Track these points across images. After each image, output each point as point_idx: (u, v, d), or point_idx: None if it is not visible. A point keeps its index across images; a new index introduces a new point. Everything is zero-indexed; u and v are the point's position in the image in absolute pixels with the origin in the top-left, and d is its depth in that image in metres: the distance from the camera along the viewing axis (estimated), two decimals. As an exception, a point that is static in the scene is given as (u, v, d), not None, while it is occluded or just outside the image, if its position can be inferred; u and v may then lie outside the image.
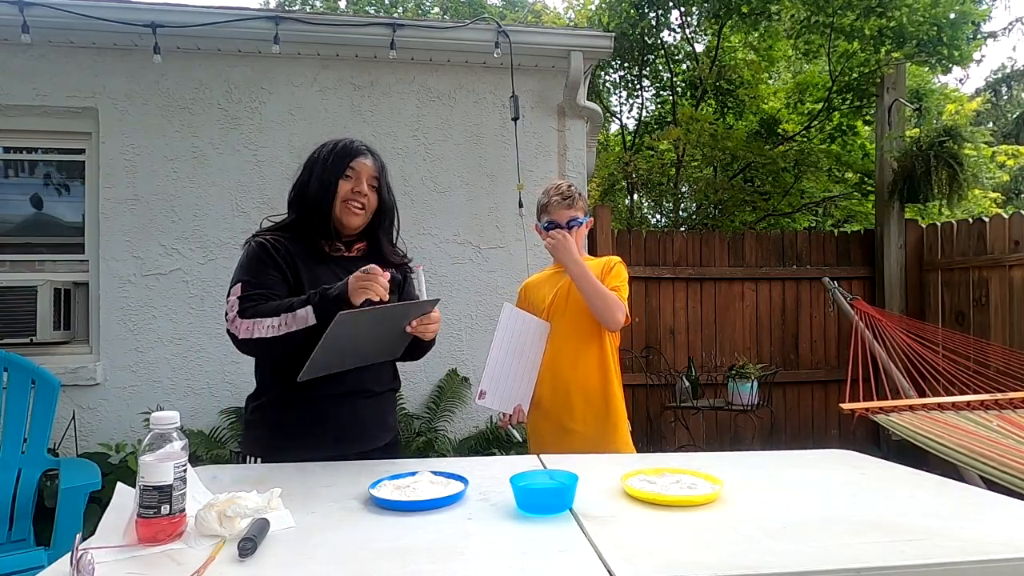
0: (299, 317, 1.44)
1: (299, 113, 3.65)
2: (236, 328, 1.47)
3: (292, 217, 1.66)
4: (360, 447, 1.60)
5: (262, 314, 1.46)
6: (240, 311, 1.48)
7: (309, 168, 1.65)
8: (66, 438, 3.29)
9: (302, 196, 1.64)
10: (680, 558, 0.91)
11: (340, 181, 1.61)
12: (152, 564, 0.92)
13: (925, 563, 0.89)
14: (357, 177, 1.63)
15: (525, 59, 3.71)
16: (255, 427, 1.61)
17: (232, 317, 1.48)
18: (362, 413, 1.61)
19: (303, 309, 1.44)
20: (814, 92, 6.94)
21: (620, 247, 4.46)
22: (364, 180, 1.63)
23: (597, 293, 1.87)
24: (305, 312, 1.44)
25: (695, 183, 6.83)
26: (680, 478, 1.27)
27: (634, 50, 6.98)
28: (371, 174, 1.65)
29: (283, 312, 1.45)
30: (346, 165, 1.62)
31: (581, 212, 2.03)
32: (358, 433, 1.61)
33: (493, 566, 0.91)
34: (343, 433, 1.58)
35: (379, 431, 1.66)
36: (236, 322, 1.47)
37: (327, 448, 1.55)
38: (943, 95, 7.26)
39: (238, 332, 1.47)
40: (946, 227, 4.53)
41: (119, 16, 3.28)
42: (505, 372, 1.91)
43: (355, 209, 1.62)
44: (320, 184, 1.61)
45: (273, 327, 1.44)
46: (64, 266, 3.52)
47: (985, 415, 2.15)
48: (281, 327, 1.44)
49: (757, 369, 3.88)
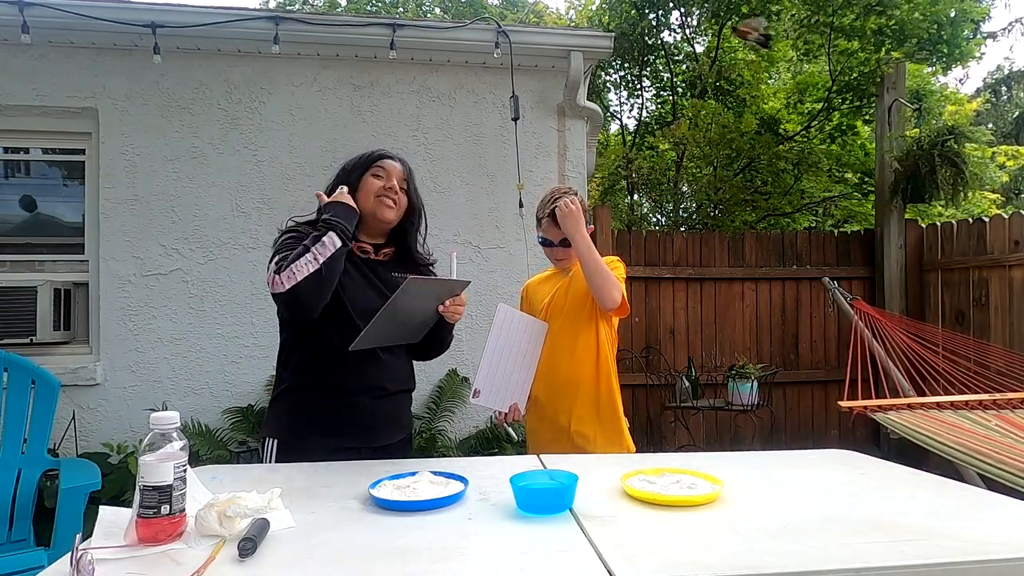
0: (327, 244, 1.51)
1: (299, 113, 3.64)
2: (278, 284, 1.48)
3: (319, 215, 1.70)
4: (375, 442, 1.64)
5: (293, 259, 1.50)
6: (275, 271, 1.50)
7: (340, 173, 1.72)
8: (66, 438, 3.29)
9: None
10: (680, 558, 0.91)
11: (368, 177, 1.67)
12: (152, 564, 0.92)
13: (925, 563, 0.89)
14: (388, 176, 1.69)
15: (525, 59, 3.71)
16: (279, 407, 1.66)
17: (272, 279, 1.50)
18: (379, 409, 1.66)
19: (326, 236, 1.51)
20: (814, 92, 6.94)
21: (620, 247, 4.46)
22: (395, 179, 1.69)
23: (599, 267, 1.87)
24: (329, 238, 1.51)
25: (695, 183, 6.83)
26: (680, 478, 1.27)
27: (634, 50, 6.98)
28: (400, 175, 1.72)
29: (312, 247, 1.50)
30: (374, 164, 1.69)
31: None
32: (375, 427, 1.65)
33: (493, 566, 0.91)
34: (362, 425, 1.62)
35: (394, 428, 1.71)
36: (275, 280, 1.49)
37: (345, 438, 1.60)
38: (943, 96, 7.27)
39: (282, 285, 1.48)
40: (946, 227, 4.53)
41: (119, 16, 3.28)
42: (499, 371, 1.91)
43: (388, 204, 1.67)
44: (348, 180, 1.68)
45: (309, 262, 1.49)
46: (64, 266, 3.52)
47: (984, 415, 2.15)
48: (317, 259, 1.49)
49: (757, 369, 3.88)
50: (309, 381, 1.61)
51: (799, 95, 7.14)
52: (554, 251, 2.05)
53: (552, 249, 2.05)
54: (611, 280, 1.86)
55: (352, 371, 1.59)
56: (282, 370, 1.68)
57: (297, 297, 1.48)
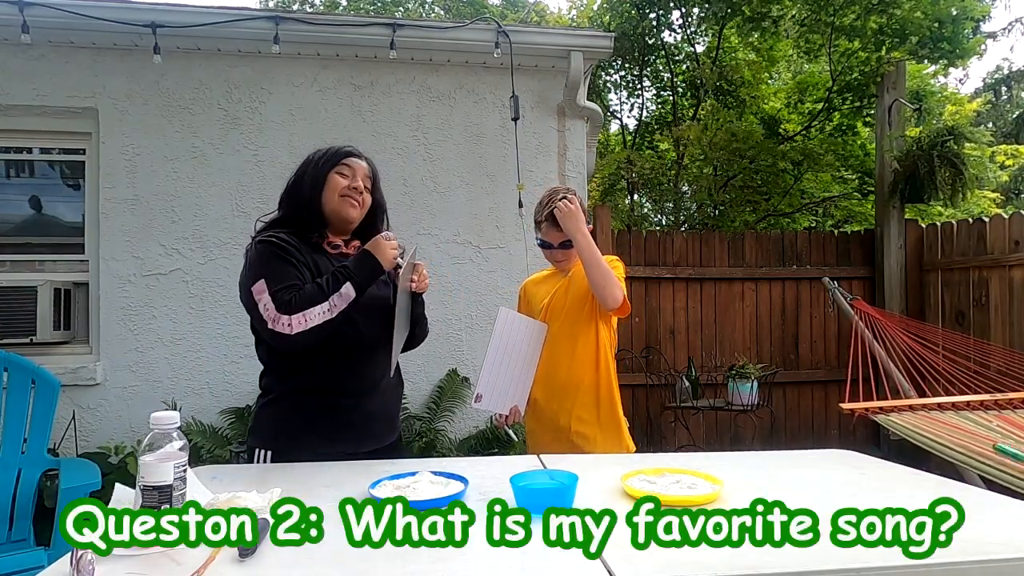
0: (344, 295, 1.48)
1: (299, 113, 3.65)
2: (285, 325, 1.44)
3: (282, 212, 1.68)
4: (368, 445, 1.61)
5: (307, 302, 1.46)
6: (278, 307, 1.46)
7: (302, 169, 1.68)
8: (66, 438, 3.29)
9: (294, 192, 1.67)
10: (680, 558, 0.91)
11: (333, 175, 1.64)
12: (152, 564, 0.92)
13: (925, 563, 0.89)
14: (353, 175, 1.66)
15: (525, 59, 3.71)
16: (266, 421, 1.62)
17: (274, 317, 1.45)
18: (371, 411, 1.63)
19: (345, 286, 1.49)
20: (814, 92, 6.94)
21: (620, 247, 4.46)
22: (360, 178, 1.66)
23: (599, 266, 1.87)
24: (347, 289, 1.49)
25: (695, 183, 6.83)
26: (680, 478, 1.27)
27: (635, 50, 6.98)
28: (366, 175, 1.69)
29: (331, 294, 1.48)
30: (339, 162, 1.66)
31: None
32: (367, 431, 1.62)
33: (493, 566, 0.91)
34: (353, 430, 1.59)
35: (386, 430, 1.68)
36: (281, 320, 1.45)
37: (337, 444, 1.56)
38: (944, 97, 7.27)
39: (290, 328, 1.44)
40: (946, 227, 4.53)
41: (119, 16, 3.28)
42: (501, 375, 1.92)
43: (352, 203, 1.65)
44: (312, 179, 1.64)
45: (325, 311, 1.46)
46: (64, 266, 3.52)
47: (985, 415, 2.15)
48: (333, 309, 1.47)
49: (757, 369, 3.88)
50: (294, 388, 1.58)
51: (799, 95, 7.14)
52: (553, 253, 2.05)
53: (552, 251, 2.05)
54: (613, 279, 1.86)
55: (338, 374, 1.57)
56: (266, 377, 1.64)
57: (303, 340, 1.46)
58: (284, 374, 1.60)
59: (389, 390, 1.69)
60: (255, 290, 1.49)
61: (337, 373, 1.57)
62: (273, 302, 1.46)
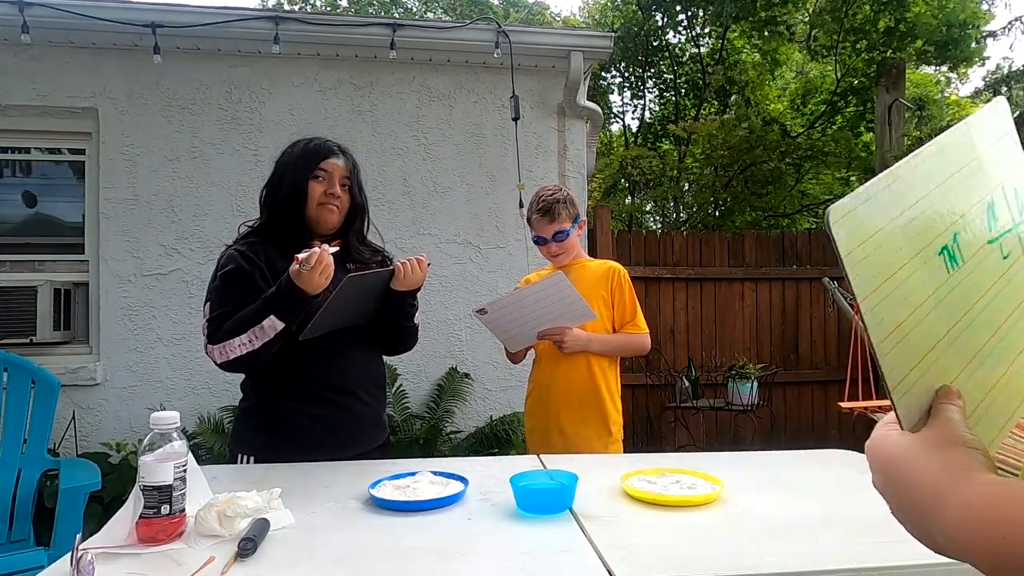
0: (267, 328, 1.45)
1: (299, 113, 3.64)
2: (211, 354, 1.50)
3: (264, 219, 1.66)
4: (355, 448, 1.58)
5: (227, 335, 1.47)
6: (209, 334, 1.50)
7: (280, 170, 1.65)
8: (66, 438, 3.29)
9: (273, 198, 1.64)
10: (680, 558, 0.91)
11: (311, 183, 1.60)
12: (152, 564, 0.92)
13: (925, 563, 0.89)
14: (329, 179, 1.62)
15: (525, 59, 3.71)
16: (246, 430, 1.61)
17: (205, 345, 1.50)
18: (356, 413, 1.60)
19: (267, 320, 1.44)
20: (817, 95, 6.95)
21: (620, 247, 4.46)
22: (336, 181, 1.62)
23: (624, 348, 2.04)
24: (270, 322, 1.44)
25: (696, 183, 6.83)
26: (680, 478, 1.27)
27: (639, 52, 6.99)
28: (343, 174, 1.64)
29: (249, 328, 1.45)
30: (316, 166, 1.61)
31: (567, 221, 1.99)
32: (354, 434, 1.60)
33: (493, 566, 0.91)
34: (337, 434, 1.57)
35: (374, 431, 1.66)
36: (209, 349, 1.50)
37: (324, 450, 1.53)
38: (947, 104, 7.27)
39: (216, 357, 1.49)
40: (946, 227, 4.53)
41: (119, 16, 3.27)
42: (513, 314, 1.90)
43: (331, 209, 1.62)
44: (291, 187, 1.61)
45: (244, 344, 1.46)
46: (64, 266, 3.52)
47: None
48: (253, 342, 1.45)
49: (757, 369, 3.88)
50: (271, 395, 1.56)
51: (802, 97, 7.15)
52: (548, 247, 2.03)
53: (546, 246, 2.02)
54: (636, 346, 2.03)
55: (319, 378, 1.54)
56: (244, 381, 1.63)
57: (231, 368, 1.50)
58: (256, 378, 1.59)
59: (369, 392, 1.64)
60: (204, 310, 1.54)
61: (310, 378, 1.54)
62: (208, 328, 1.50)
